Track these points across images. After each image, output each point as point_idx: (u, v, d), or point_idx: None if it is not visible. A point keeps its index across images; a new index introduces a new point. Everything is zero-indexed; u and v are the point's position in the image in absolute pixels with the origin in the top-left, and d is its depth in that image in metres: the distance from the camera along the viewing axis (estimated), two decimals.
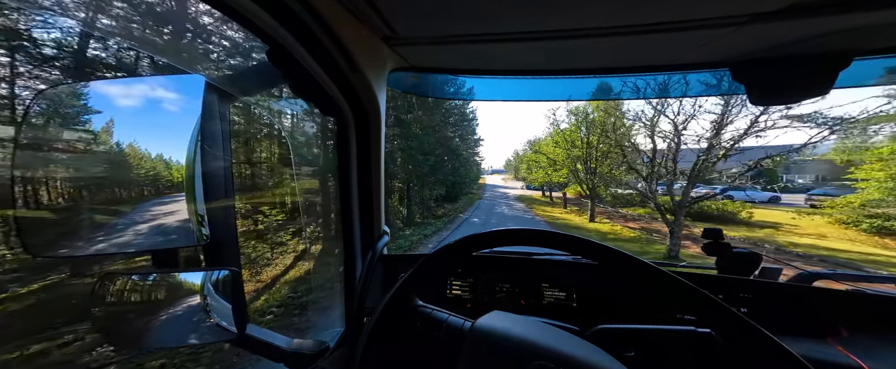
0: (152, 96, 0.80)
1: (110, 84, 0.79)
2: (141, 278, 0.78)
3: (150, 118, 0.78)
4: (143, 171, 0.77)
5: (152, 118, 0.78)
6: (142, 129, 0.76)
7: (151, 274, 0.77)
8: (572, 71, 0.91)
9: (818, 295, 0.83)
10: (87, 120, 0.79)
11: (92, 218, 0.76)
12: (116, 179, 0.80)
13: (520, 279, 1.00)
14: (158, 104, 0.79)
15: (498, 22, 0.62)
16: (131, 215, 0.78)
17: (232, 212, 0.88)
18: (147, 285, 0.78)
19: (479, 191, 33.64)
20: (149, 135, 0.76)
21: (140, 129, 0.76)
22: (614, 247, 0.51)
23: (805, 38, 0.61)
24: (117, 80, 0.82)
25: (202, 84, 0.84)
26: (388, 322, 0.56)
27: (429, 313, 0.62)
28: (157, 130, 0.77)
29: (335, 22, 0.56)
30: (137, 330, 0.75)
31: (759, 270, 1.01)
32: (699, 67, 0.80)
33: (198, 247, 0.85)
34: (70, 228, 0.75)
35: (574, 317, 0.71)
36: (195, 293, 0.79)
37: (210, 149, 0.82)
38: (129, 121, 0.77)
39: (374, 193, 0.82)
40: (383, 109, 0.82)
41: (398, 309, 0.57)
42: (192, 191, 0.80)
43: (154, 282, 0.78)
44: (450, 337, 0.57)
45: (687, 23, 0.58)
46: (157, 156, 0.78)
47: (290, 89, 0.71)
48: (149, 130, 0.76)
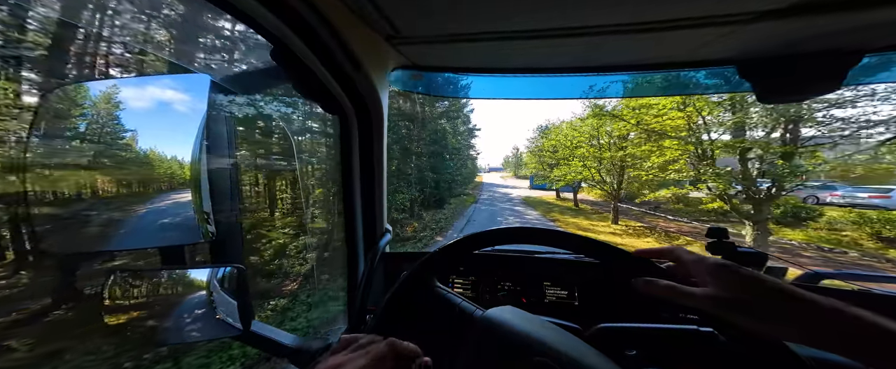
0: (159, 95, 0.81)
1: (121, 83, 0.80)
2: (149, 275, 0.80)
3: (160, 118, 0.79)
4: (160, 171, 0.78)
5: (161, 118, 0.79)
6: (151, 129, 0.77)
7: (159, 270, 0.78)
8: (577, 69, 0.90)
9: (827, 295, 0.82)
10: (93, 119, 0.80)
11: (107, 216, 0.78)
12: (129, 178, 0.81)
13: (521, 277, 1.00)
14: (165, 103, 0.80)
15: (501, 20, 0.61)
16: (145, 213, 0.79)
17: (237, 209, 0.89)
18: (156, 282, 0.79)
19: (475, 191, 27.31)
20: (157, 134, 0.77)
21: (150, 129, 0.77)
22: (615, 245, 0.51)
23: (813, 35, 0.60)
24: (126, 80, 0.83)
25: (207, 83, 0.84)
26: (396, 312, 0.57)
27: (444, 294, 0.64)
28: (166, 130, 0.78)
29: (338, 21, 0.56)
30: (150, 328, 0.76)
31: (764, 270, 1.00)
32: (704, 65, 0.79)
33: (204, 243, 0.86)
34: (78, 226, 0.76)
35: (576, 316, 0.71)
36: (202, 290, 0.80)
37: (215, 147, 0.83)
38: (142, 123, 0.78)
39: (376, 191, 0.83)
40: (386, 108, 0.82)
41: (414, 290, 0.59)
42: (197, 189, 0.80)
43: (162, 279, 0.80)
44: (460, 322, 0.58)
45: (692, 20, 0.58)
46: (171, 156, 0.79)
47: (294, 88, 0.72)
48: (157, 130, 0.77)
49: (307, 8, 0.50)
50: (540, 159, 21.44)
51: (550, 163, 18.75)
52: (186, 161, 0.79)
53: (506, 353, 0.50)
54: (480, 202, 19.64)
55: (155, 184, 0.79)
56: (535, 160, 23.03)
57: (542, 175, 19.75)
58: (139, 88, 0.83)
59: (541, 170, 20.86)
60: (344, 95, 0.70)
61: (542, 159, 20.71)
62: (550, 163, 18.67)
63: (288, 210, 4.99)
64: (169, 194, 0.80)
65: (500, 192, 27.40)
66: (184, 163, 0.78)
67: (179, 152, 0.79)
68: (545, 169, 19.70)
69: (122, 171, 0.78)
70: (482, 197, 22.87)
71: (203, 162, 0.81)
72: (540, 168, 21.23)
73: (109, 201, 0.78)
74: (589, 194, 19.19)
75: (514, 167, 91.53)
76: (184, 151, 0.79)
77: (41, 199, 0.74)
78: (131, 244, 0.83)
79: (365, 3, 0.56)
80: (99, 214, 0.77)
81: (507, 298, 1.00)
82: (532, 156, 24.28)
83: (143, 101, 0.79)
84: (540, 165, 21.34)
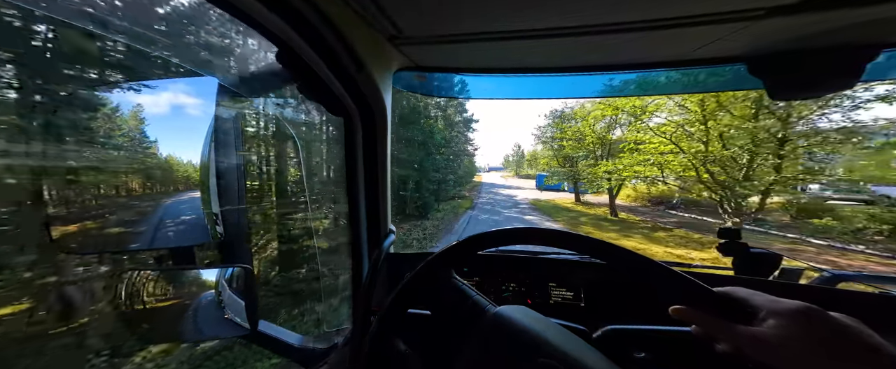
0: (172, 99, 0.83)
1: (132, 86, 0.82)
2: (159, 274, 0.81)
3: (174, 122, 0.81)
4: (178, 173, 0.81)
5: (176, 122, 0.81)
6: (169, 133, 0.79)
7: (170, 270, 0.80)
8: (582, 68, 0.90)
9: (844, 298, 0.79)
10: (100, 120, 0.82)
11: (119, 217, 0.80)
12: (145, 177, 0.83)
13: (526, 278, 0.99)
14: (179, 107, 0.82)
15: (505, 20, 0.61)
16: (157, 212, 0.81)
17: (244, 210, 0.90)
18: (166, 281, 0.81)
19: (472, 191, 23.01)
20: (173, 138, 0.79)
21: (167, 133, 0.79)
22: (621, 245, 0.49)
23: (827, 30, 0.58)
24: (136, 83, 0.85)
25: (215, 86, 0.86)
26: (399, 316, 0.57)
27: (459, 286, 0.64)
28: (180, 134, 0.80)
29: (342, 23, 0.57)
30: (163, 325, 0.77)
31: (778, 271, 0.97)
32: (713, 63, 0.78)
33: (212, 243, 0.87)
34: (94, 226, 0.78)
35: (582, 318, 0.70)
36: (210, 289, 0.82)
37: (224, 149, 0.85)
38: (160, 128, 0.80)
39: (380, 192, 0.83)
40: (390, 109, 0.82)
41: (431, 277, 0.59)
42: (206, 191, 0.82)
43: (171, 279, 0.81)
44: (470, 315, 0.59)
45: (701, 17, 0.57)
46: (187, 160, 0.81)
47: (299, 90, 0.72)
48: (174, 135, 0.79)
49: (311, 10, 0.50)
50: (555, 153, 16.55)
51: (569, 158, 14.32)
52: (197, 163, 0.81)
53: (514, 351, 0.51)
54: (478, 207, 14.68)
55: (176, 185, 0.81)
56: (549, 154, 17.72)
57: (561, 173, 15.31)
58: (153, 93, 0.84)
59: (557, 166, 16.31)
60: (348, 97, 0.71)
61: (559, 154, 15.87)
62: (572, 156, 14.43)
63: (293, 210, 5.04)
64: (184, 196, 0.82)
65: (502, 195, 22.16)
66: (196, 165, 0.80)
67: (193, 155, 0.81)
68: (563, 165, 15.51)
69: (148, 177, 0.81)
70: (480, 201, 17.33)
71: (212, 163, 0.83)
72: (555, 164, 16.53)
73: (137, 203, 0.80)
74: (623, 198, 14.32)
75: (516, 166, 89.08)
76: (195, 154, 0.81)
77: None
78: (155, 244, 0.85)
79: (368, 4, 0.56)
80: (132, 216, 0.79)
81: (511, 299, 0.99)
82: (547, 149, 18.46)
83: (159, 106, 0.81)
84: (555, 160, 16.77)
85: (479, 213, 13.45)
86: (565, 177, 15.17)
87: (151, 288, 0.77)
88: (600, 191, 13.81)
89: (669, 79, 1.05)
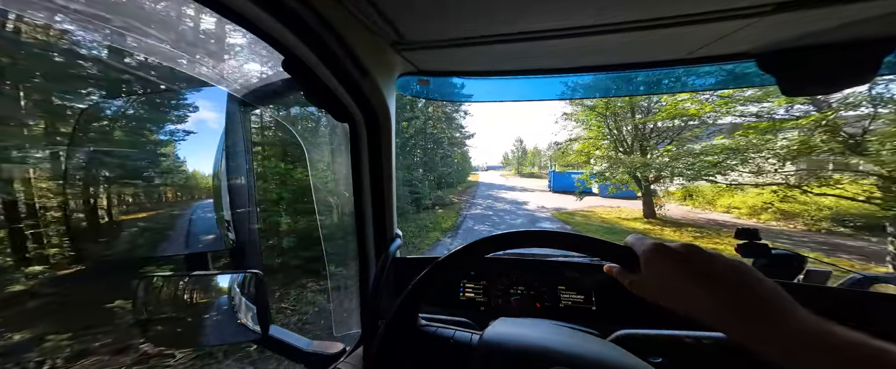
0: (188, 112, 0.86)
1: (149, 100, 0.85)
2: (176, 281, 0.83)
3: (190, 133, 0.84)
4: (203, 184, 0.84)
5: (192, 133, 0.84)
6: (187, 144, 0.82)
7: (184, 276, 0.81)
8: (585, 68, 0.89)
9: (879, 301, 0.75)
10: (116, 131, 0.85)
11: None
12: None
13: (535, 281, 0.98)
14: (195, 119, 0.85)
15: (506, 22, 0.61)
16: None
17: (255, 217, 0.92)
18: (182, 287, 0.82)
19: (469, 191, 18.88)
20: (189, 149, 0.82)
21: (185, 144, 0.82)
22: None
23: (839, 25, 0.56)
24: (153, 95, 0.88)
25: (225, 96, 0.88)
26: (399, 332, 0.56)
27: (433, 332, 0.60)
28: (196, 145, 0.82)
29: (344, 29, 0.57)
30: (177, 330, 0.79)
31: (804, 274, 0.94)
32: (721, 60, 0.76)
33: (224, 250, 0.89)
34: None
35: (593, 321, 0.69)
36: (223, 295, 0.83)
37: (234, 158, 0.87)
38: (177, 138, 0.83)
39: (385, 197, 0.83)
40: (394, 114, 0.83)
41: (400, 329, 0.55)
42: (218, 199, 0.84)
43: (187, 285, 0.83)
44: (458, 354, 0.55)
45: (707, 14, 0.56)
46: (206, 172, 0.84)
47: (305, 97, 0.73)
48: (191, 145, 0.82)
49: (314, 16, 0.51)
50: (615, 142, 10.00)
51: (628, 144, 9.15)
52: (209, 173, 0.83)
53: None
54: (470, 217, 10.17)
55: (198, 194, 0.84)
56: (576, 150, 11.30)
57: (616, 168, 9.16)
58: (169, 105, 0.87)
59: (605, 154, 10.14)
60: (353, 103, 0.72)
61: (620, 138, 9.73)
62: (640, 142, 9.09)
63: (302, 216, 5.11)
64: (201, 205, 0.85)
65: (505, 199, 15.69)
66: (208, 175, 0.82)
67: (206, 166, 0.83)
68: (617, 152, 9.56)
69: (181, 187, 0.84)
70: (472, 212, 11.53)
71: (223, 172, 0.84)
72: (602, 151, 10.38)
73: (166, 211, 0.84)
74: (746, 211, 9.63)
75: (518, 163, 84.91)
76: (208, 164, 0.83)
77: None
78: (174, 250, 0.88)
79: (370, 11, 0.57)
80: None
81: (519, 303, 0.98)
82: (592, 140, 10.82)
83: (175, 119, 0.84)
84: (594, 147, 10.57)
85: (473, 221, 8.76)
86: (627, 172, 9.07)
87: (181, 294, 0.80)
88: (697, 198, 8.73)
89: (678, 77, 1.03)
